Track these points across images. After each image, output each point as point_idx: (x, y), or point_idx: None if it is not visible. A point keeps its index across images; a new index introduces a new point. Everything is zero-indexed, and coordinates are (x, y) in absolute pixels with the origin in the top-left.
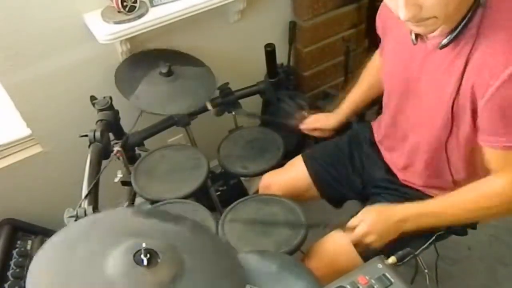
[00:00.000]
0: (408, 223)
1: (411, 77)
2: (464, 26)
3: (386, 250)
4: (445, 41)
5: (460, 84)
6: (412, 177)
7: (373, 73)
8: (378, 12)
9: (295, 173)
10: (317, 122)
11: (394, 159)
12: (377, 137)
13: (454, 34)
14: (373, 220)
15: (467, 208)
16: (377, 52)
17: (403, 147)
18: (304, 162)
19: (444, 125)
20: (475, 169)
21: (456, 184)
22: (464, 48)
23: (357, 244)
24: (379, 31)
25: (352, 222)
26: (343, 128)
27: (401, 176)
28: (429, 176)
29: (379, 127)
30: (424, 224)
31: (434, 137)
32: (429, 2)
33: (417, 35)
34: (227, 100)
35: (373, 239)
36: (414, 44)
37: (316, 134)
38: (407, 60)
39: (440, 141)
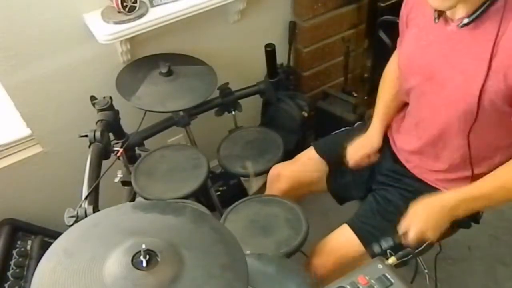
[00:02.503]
0: (460, 209)
1: (432, 59)
2: (488, 6)
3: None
4: (466, 20)
5: (489, 68)
6: (426, 166)
7: (393, 82)
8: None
9: (306, 164)
10: (363, 150)
11: (409, 145)
12: (390, 129)
13: (477, 13)
14: (423, 217)
15: (507, 187)
16: (393, 57)
17: (422, 133)
18: (316, 152)
19: (469, 111)
20: (495, 162)
21: (474, 180)
22: (490, 30)
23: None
24: (402, 21)
25: (403, 227)
26: (347, 125)
27: (411, 166)
28: (448, 166)
29: (396, 117)
30: (476, 208)
31: (456, 123)
32: None
33: (440, 15)
34: (227, 100)
35: (430, 234)
36: (436, 23)
37: (365, 162)
38: (429, 43)
39: (462, 128)
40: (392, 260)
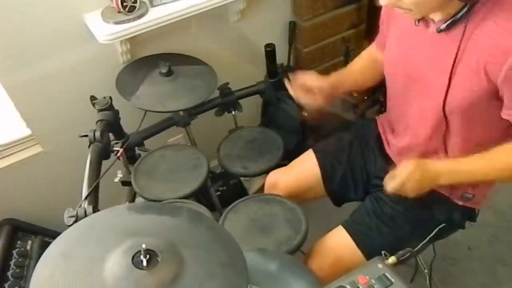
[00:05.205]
0: (441, 178)
1: (416, 63)
2: (466, 12)
3: (386, 249)
4: (443, 26)
5: (453, 68)
6: None
7: (366, 59)
8: None
9: (304, 169)
10: (313, 82)
11: (399, 148)
12: (383, 129)
13: (453, 19)
14: (410, 170)
15: (497, 168)
16: (373, 44)
17: (407, 136)
18: (315, 155)
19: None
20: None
21: None
22: (460, 32)
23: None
24: (383, 20)
25: (390, 175)
26: (347, 124)
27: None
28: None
29: (385, 120)
30: (457, 180)
31: (444, 123)
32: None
33: (419, 19)
34: (227, 100)
35: (408, 190)
36: (416, 25)
37: (307, 98)
38: (411, 47)
39: (445, 127)
40: (392, 259)
